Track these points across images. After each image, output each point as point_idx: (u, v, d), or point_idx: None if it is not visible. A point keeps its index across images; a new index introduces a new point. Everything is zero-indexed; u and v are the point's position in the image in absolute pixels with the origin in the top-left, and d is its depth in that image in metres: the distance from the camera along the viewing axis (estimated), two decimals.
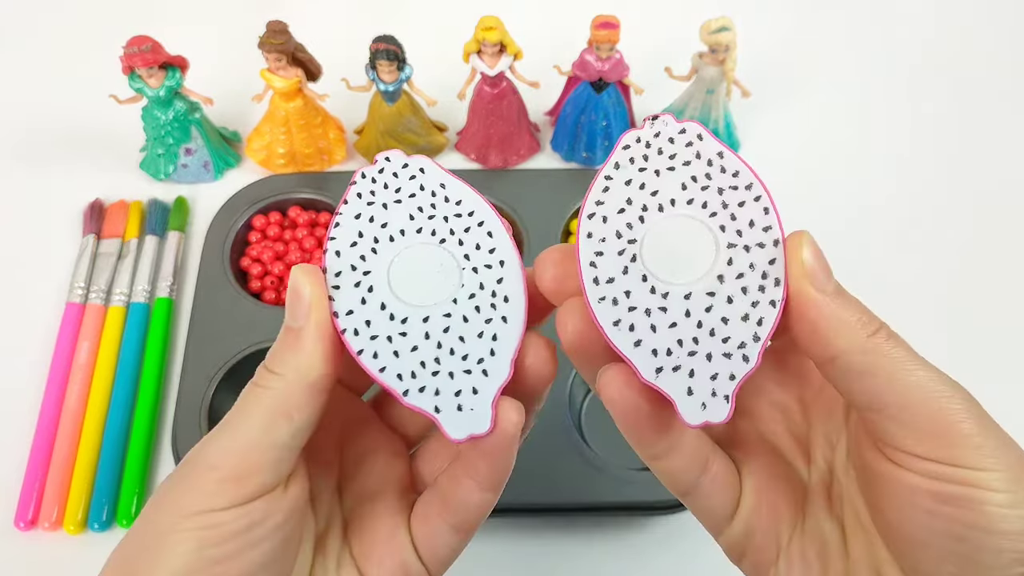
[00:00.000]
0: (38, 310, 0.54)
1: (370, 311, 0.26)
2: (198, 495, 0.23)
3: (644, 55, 0.58)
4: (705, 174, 0.27)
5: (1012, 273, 0.57)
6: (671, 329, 0.25)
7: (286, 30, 0.54)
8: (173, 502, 0.23)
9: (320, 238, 0.56)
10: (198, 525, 0.22)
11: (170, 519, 0.23)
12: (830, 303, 0.23)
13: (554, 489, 0.45)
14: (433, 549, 0.28)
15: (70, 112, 0.64)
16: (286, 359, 0.25)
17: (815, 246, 0.24)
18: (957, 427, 0.22)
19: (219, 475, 0.23)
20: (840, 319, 0.23)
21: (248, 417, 0.24)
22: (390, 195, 0.29)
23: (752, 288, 0.25)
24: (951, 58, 0.68)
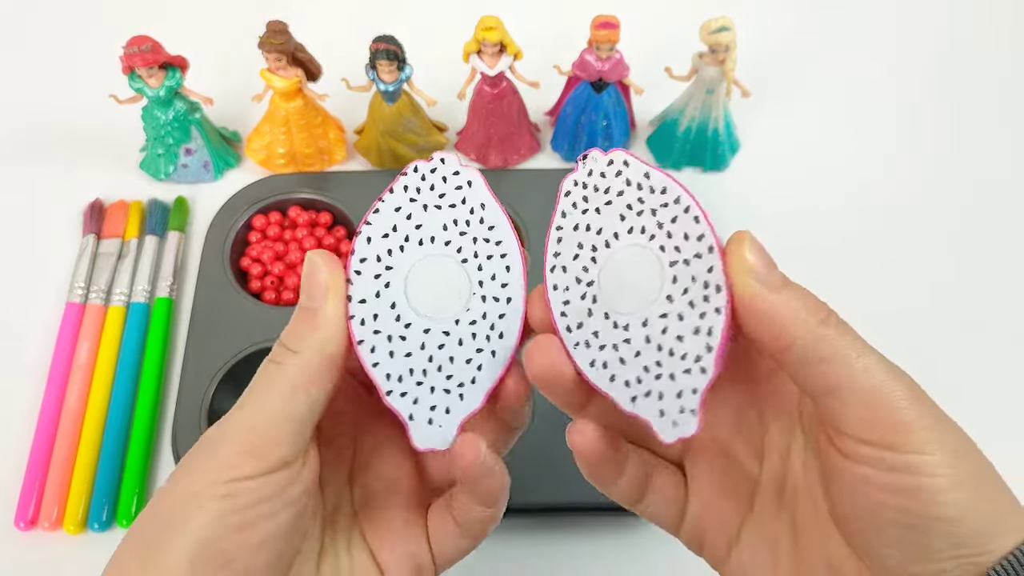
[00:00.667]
0: (38, 310, 0.54)
1: (381, 306, 0.27)
2: (219, 465, 0.24)
3: (644, 55, 0.58)
4: (637, 199, 0.27)
5: (1012, 270, 0.57)
6: (637, 358, 0.26)
7: (286, 30, 0.54)
8: (194, 473, 0.24)
9: (320, 238, 0.56)
10: (220, 493, 0.23)
11: (192, 489, 0.23)
12: (779, 295, 0.24)
13: (554, 489, 0.45)
14: (442, 547, 0.30)
15: (70, 112, 0.64)
16: (303, 336, 0.25)
17: (755, 243, 0.25)
18: (900, 413, 0.23)
19: (239, 447, 0.24)
20: (791, 308, 0.24)
21: (267, 392, 0.25)
22: (433, 198, 0.29)
23: (698, 300, 0.25)
24: (951, 58, 0.68)
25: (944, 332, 0.54)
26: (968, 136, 0.64)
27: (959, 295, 0.56)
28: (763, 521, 0.28)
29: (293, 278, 0.54)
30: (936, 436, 0.23)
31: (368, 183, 0.58)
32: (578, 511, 0.46)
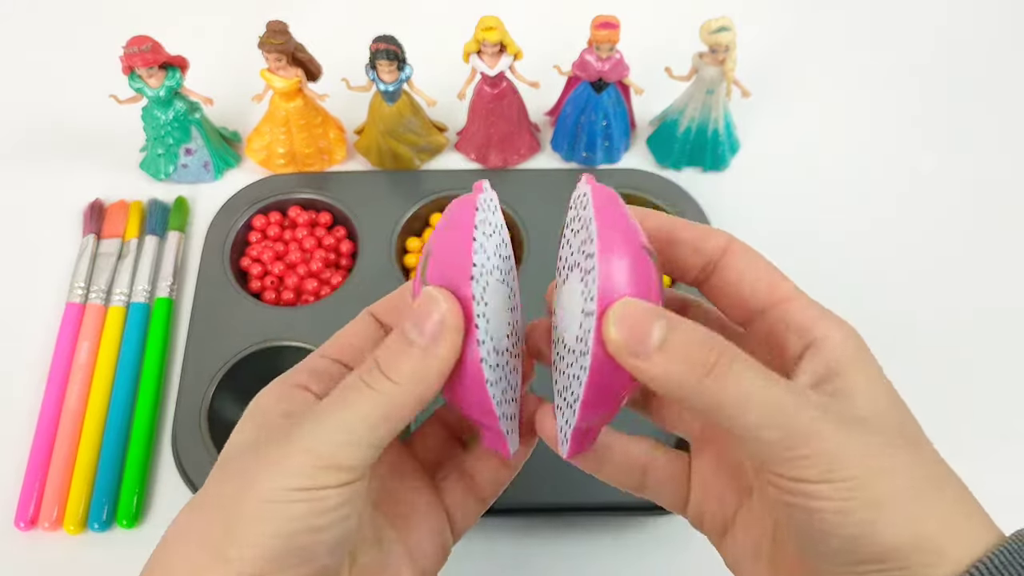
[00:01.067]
0: (38, 310, 0.54)
1: (487, 342, 0.27)
2: (301, 475, 0.25)
3: (644, 55, 0.58)
4: (584, 239, 0.27)
5: (1014, 269, 0.57)
6: (560, 382, 0.28)
7: (286, 30, 0.54)
8: (275, 476, 0.25)
9: (320, 238, 0.56)
10: (304, 498, 0.25)
11: (274, 490, 0.24)
12: (650, 362, 0.24)
13: (554, 489, 0.45)
14: (459, 516, 0.32)
15: (70, 112, 0.64)
16: (404, 370, 0.26)
17: (624, 315, 0.24)
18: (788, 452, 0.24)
19: (320, 461, 0.25)
20: (666, 374, 0.24)
21: (355, 414, 0.25)
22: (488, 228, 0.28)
23: (581, 352, 0.26)
24: (952, 58, 0.68)
25: (945, 331, 0.54)
26: (968, 135, 0.64)
27: (960, 294, 0.56)
28: (752, 515, 0.30)
29: (293, 278, 0.54)
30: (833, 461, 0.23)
31: (368, 183, 0.58)
32: (578, 511, 0.46)
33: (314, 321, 0.51)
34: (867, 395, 0.26)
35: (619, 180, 0.58)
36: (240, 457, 0.27)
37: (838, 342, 0.26)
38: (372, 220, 0.56)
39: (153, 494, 0.48)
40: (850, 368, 0.26)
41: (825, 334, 0.27)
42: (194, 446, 0.47)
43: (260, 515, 0.24)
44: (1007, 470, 0.47)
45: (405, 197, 0.57)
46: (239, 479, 0.25)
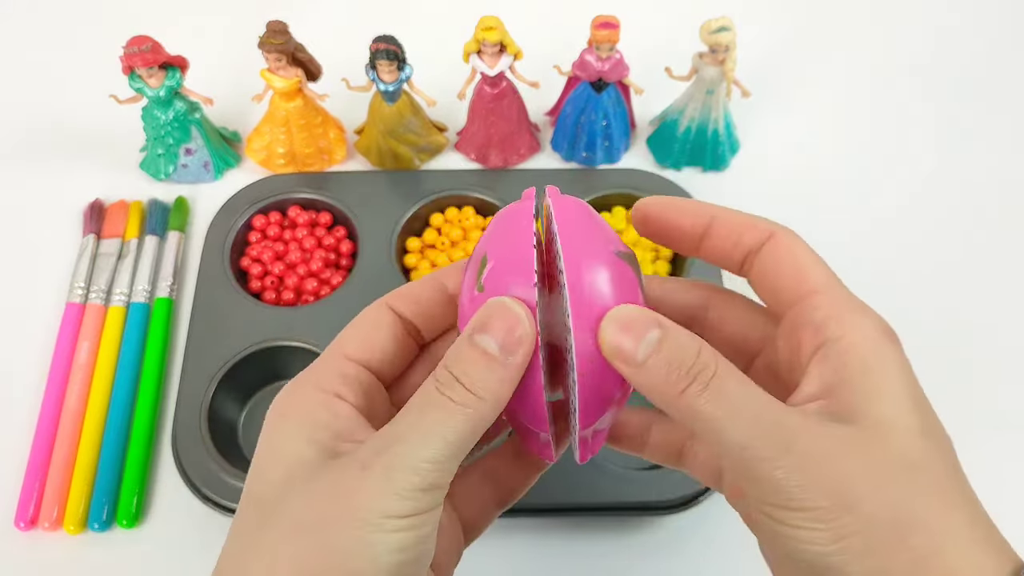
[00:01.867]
0: (38, 310, 0.54)
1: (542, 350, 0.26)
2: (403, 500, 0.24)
3: (644, 55, 0.58)
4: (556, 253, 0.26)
5: (1012, 269, 0.57)
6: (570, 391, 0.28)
7: (286, 30, 0.54)
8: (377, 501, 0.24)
9: (320, 238, 0.56)
10: (410, 525, 0.24)
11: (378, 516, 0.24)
12: (637, 374, 0.25)
13: (554, 489, 0.45)
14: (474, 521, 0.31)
15: (70, 112, 0.64)
16: (488, 385, 0.25)
17: (616, 323, 0.25)
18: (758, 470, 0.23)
19: (420, 483, 0.24)
20: (650, 385, 0.24)
21: (449, 431, 0.25)
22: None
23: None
24: (952, 58, 0.68)
25: (946, 332, 0.54)
26: (969, 135, 0.64)
27: (961, 294, 0.56)
28: None
29: (293, 278, 0.54)
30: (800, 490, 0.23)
31: (368, 183, 0.58)
32: (584, 511, 0.46)
33: (314, 321, 0.51)
34: (874, 407, 0.24)
35: (619, 180, 0.58)
36: (321, 477, 0.25)
37: (853, 344, 0.25)
38: (372, 220, 0.56)
39: (153, 494, 0.48)
40: (860, 376, 0.24)
41: (840, 334, 0.25)
42: (194, 446, 0.47)
43: (371, 545, 0.23)
44: (1010, 471, 0.47)
45: (405, 197, 0.57)
46: (332, 503, 0.24)
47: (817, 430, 0.23)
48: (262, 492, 0.26)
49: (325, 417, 0.26)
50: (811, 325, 0.26)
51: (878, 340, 0.25)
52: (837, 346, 0.25)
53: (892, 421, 0.24)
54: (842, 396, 0.24)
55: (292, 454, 0.26)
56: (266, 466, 0.26)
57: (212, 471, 0.46)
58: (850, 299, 0.26)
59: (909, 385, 0.25)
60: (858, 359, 0.24)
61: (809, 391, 0.25)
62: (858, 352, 0.25)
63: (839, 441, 0.23)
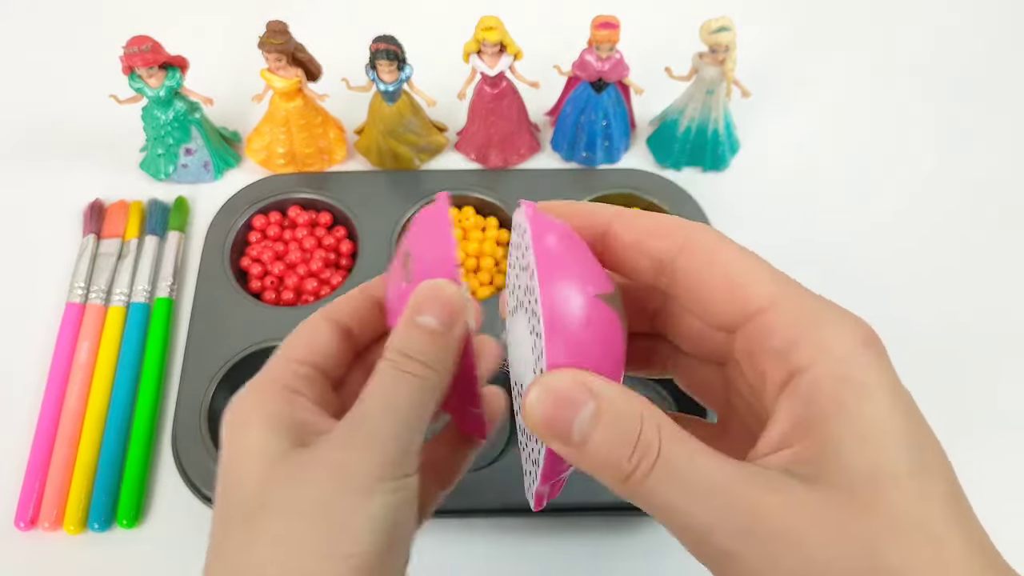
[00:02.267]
0: (38, 310, 0.54)
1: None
2: (390, 464, 0.25)
3: (644, 55, 0.58)
4: (529, 287, 0.25)
5: (1012, 269, 0.57)
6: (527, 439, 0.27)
7: (286, 30, 0.54)
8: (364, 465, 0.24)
9: (320, 238, 0.56)
10: (401, 487, 0.25)
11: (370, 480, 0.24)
12: (576, 456, 0.22)
13: None
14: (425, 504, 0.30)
15: (70, 112, 0.64)
16: (437, 355, 0.26)
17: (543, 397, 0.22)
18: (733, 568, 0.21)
19: (400, 447, 0.25)
20: (591, 468, 0.22)
21: (413, 400, 0.25)
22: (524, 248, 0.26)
23: None
24: (952, 58, 0.68)
25: (945, 332, 0.54)
26: (968, 135, 0.64)
27: (960, 294, 0.56)
28: None
29: (293, 278, 0.54)
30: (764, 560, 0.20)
31: (368, 183, 0.58)
32: (578, 511, 0.46)
33: None
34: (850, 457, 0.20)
35: (619, 180, 0.58)
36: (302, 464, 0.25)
37: (822, 375, 0.21)
38: (372, 220, 0.56)
39: (153, 494, 0.48)
40: (832, 416, 0.21)
41: (807, 363, 0.21)
42: (194, 446, 0.47)
43: (371, 505, 0.24)
44: (1009, 470, 0.47)
45: (405, 197, 0.57)
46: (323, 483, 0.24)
47: (781, 504, 0.20)
48: (242, 500, 0.25)
49: (288, 411, 0.26)
50: (772, 354, 0.22)
51: (852, 361, 0.21)
52: (804, 379, 0.21)
53: (872, 469, 0.20)
54: (812, 444, 0.21)
55: (264, 454, 0.25)
56: (240, 475, 0.25)
57: (212, 471, 0.45)
58: (812, 307, 0.22)
59: (893, 413, 0.21)
60: (827, 392, 0.21)
61: (775, 437, 0.22)
62: (828, 385, 0.21)
63: (808, 513, 0.20)
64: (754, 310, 0.23)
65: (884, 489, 0.20)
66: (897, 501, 0.20)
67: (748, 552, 0.20)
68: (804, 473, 0.21)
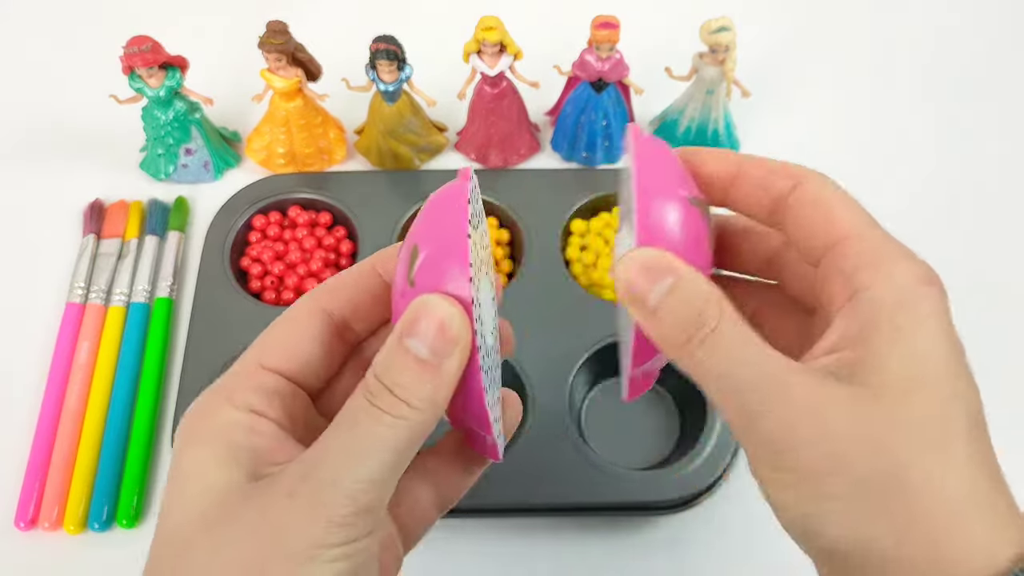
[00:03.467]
0: (38, 310, 0.54)
1: (482, 347, 0.24)
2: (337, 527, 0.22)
3: (644, 55, 0.58)
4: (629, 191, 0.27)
5: (1012, 268, 0.57)
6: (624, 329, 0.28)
7: (286, 30, 0.54)
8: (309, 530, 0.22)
9: (320, 238, 0.56)
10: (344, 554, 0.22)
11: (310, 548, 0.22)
12: (646, 322, 0.24)
13: (554, 489, 0.45)
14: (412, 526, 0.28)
15: (70, 112, 0.64)
16: (422, 392, 0.23)
17: (631, 265, 0.23)
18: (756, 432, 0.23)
19: (355, 507, 0.22)
20: (657, 335, 0.24)
21: (384, 448, 0.22)
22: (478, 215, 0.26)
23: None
24: (952, 57, 0.68)
25: None
26: (968, 135, 0.64)
27: (961, 293, 0.56)
28: None
29: (293, 278, 0.54)
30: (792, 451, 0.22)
31: (368, 183, 0.58)
32: (578, 511, 0.46)
33: None
34: (892, 366, 0.22)
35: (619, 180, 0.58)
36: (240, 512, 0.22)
37: (880, 295, 0.23)
38: (372, 220, 0.56)
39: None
40: (883, 331, 0.22)
41: (868, 284, 0.23)
42: None
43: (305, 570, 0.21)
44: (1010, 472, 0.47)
45: (405, 197, 0.57)
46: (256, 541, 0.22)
47: (813, 385, 0.22)
48: (175, 533, 0.23)
49: (242, 437, 0.24)
50: (841, 275, 0.24)
51: (911, 290, 0.23)
52: (864, 297, 0.23)
53: (904, 381, 0.22)
54: (858, 351, 0.22)
55: (206, 483, 0.23)
56: (178, 501, 0.23)
57: None
58: (885, 243, 0.24)
59: (938, 341, 0.23)
60: (884, 312, 0.22)
61: (826, 344, 0.23)
62: (885, 304, 0.23)
63: (838, 399, 0.22)
64: (837, 237, 0.24)
65: (910, 400, 0.22)
66: (918, 411, 0.22)
67: (771, 414, 0.22)
68: (843, 375, 0.22)
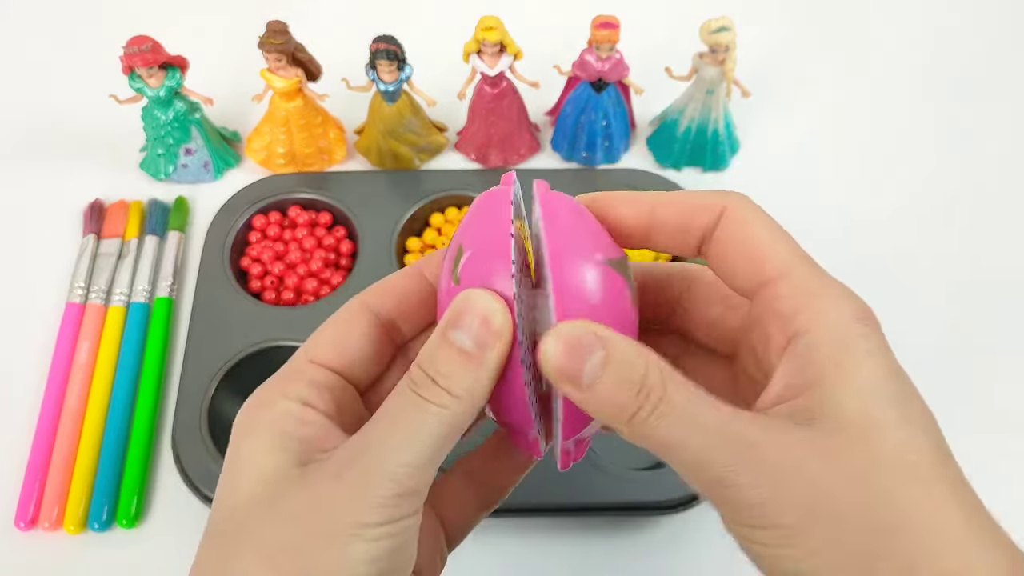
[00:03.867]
0: (38, 310, 0.54)
1: (523, 343, 0.25)
2: (379, 507, 0.23)
3: (644, 55, 0.58)
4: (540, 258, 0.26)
5: (1012, 268, 0.57)
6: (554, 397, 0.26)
7: (286, 30, 0.54)
8: (352, 510, 0.23)
9: (320, 238, 0.56)
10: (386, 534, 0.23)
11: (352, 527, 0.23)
12: (584, 399, 0.23)
13: (554, 489, 0.45)
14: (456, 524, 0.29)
15: (70, 112, 0.64)
16: (464, 382, 0.24)
17: (558, 340, 0.23)
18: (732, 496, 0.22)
19: (398, 489, 0.23)
20: (598, 411, 0.23)
21: (425, 434, 0.23)
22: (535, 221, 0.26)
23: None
24: (952, 57, 0.68)
25: (945, 330, 0.54)
26: (968, 135, 0.64)
27: (962, 293, 0.56)
28: None
29: (293, 278, 0.54)
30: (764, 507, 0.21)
31: (368, 183, 0.58)
32: (578, 511, 0.46)
33: (314, 321, 0.50)
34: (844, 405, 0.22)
35: (619, 180, 0.58)
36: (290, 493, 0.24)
37: (819, 337, 0.23)
38: (372, 220, 0.56)
39: (153, 494, 0.48)
40: (828, 372, 0.22)
41: (808, 325, 0.23)
42: (194, 446, 0.47)
43: (346, 556, 0.22)
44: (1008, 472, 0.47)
45: (405, 197, 0.57)
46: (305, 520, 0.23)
47: (780, 438, 0.22)
48: (230, 513, 0.24)
49: (293, 426, 0.25)
50: (778, 318, 0.24)
51: (848, 327, 0.23)
52: (804, 341, 0.23)
53: (864, 417, 0.22)
54: (810, 396, 0.22)
55: (260, 469, 0.24)
56: (233, 484, 0.25)
57: (212, 471, 0.46)
58: (818, 281, 0.24)
59: (885, 374, 0.22)
60: (825, 353, 0.22)
61: (775, 392, 0.23)
62: (825, 345, 0.23)
63: (805, 447, 0.21)
64: (768, 277, 0.24)
65: (874, 434, 0.22)
66: (887, 445, 0.21)
67: (743, 479, 0.21)
68: (800, 420, 0.22)
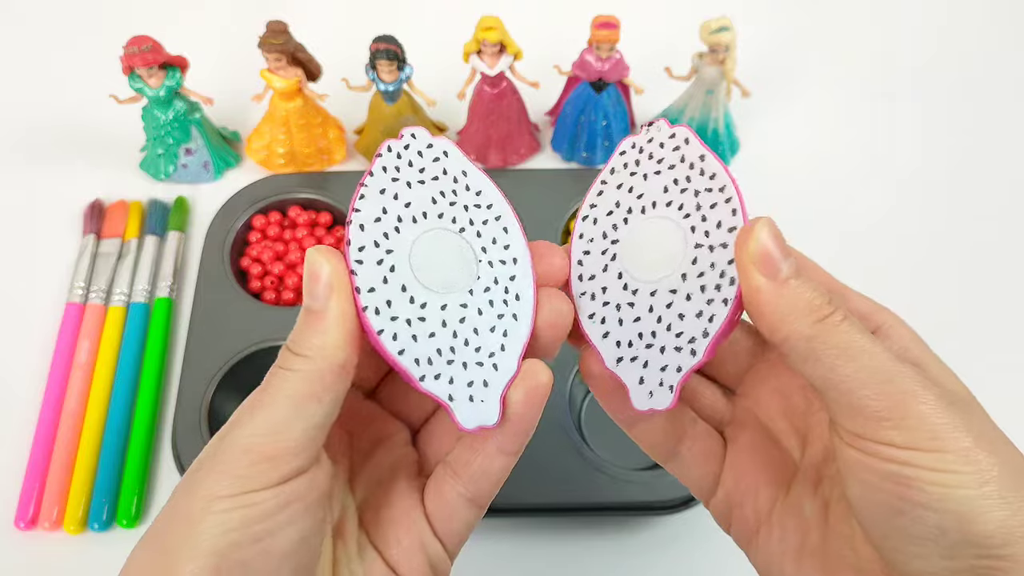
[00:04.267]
0: (38, 310, 0.54)
1: (391, 291, 0.26)
2: (232, 479, 0.23)
3: (644, 55, 0.58)
4: (686, 177, 0.28)
5: (1012, 267, 0.57)
6: (635, 323, 0.27)
7: (286, 30, 0.54)
8: (207, 486, 0.23)
9: (320, 238, 0.56)
10: (237, 504, 0.23)
11: (205, 502, 0.23)
12: (775, 290, 0.24)
13: (554, 489, 0.45)
14: (449, 524, 0.28)
15: (70, 112, 0.64)
16: (311, 341, 0.24)
17: (770, 231, 0.24)
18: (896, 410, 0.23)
19: (252, 458, 0.23)
20: (786, 306, 0.24)
21: (276, 400, 0.24)
22: (414, 174, 0.28)
23: (710, 286, 0.26)
24: (952, 58, 0.68)
25: (945, 330, 0.54)
26: (967, 134, 0.64)
27: (961, 292, 0.56)
28: (796, 507, 0.28)
29: (293, 278, 0.54)
30: (939, 431, 0.22)
31: None
32: (578, 511, 0.46)
33: None
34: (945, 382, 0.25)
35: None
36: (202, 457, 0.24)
37: (903, 329, 0.27)
38: None
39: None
40: (924, 355, 0.26)
41: (889, 321, 0.27)
42: (194, 446, 0.47)
43: (196, 532, 0.22)
44: None
45: None
46: (176, 499, 0.24)
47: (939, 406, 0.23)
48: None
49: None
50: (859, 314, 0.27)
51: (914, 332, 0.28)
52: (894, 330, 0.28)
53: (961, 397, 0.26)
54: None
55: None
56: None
57: None
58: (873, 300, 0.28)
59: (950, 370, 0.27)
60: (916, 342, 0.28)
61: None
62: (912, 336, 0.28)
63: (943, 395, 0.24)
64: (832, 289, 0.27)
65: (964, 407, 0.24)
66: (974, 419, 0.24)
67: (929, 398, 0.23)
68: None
